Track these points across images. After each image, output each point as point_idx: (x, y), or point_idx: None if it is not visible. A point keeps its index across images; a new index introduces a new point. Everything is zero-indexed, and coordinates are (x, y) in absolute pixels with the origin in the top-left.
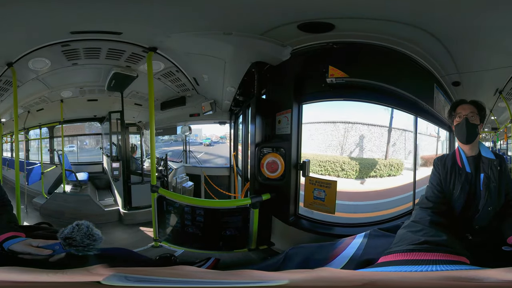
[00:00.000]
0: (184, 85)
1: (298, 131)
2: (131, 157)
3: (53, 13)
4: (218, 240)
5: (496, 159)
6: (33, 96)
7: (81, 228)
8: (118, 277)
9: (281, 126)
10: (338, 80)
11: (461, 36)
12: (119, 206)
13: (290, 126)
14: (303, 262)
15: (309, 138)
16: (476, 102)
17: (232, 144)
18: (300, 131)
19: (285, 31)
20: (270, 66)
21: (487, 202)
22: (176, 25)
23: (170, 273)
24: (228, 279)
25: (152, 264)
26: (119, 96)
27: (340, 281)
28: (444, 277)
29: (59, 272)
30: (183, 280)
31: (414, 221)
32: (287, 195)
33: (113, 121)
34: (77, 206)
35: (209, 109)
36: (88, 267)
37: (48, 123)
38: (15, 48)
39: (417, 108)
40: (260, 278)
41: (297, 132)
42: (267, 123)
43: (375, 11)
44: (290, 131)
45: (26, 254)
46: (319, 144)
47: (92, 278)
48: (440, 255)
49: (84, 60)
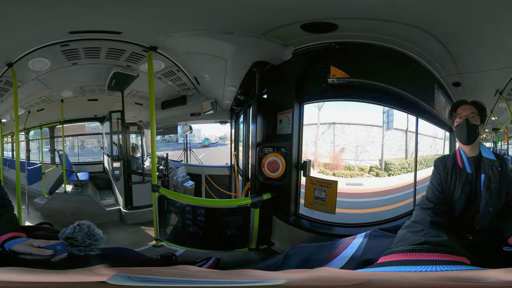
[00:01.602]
0: (185, 85)
1: (299, 131)
2: (132, 157)
3: (52, 13)
4: (218, 240)
5: (496, 159)
6: (33, 96)
7: (82, 228)
8: (121, 277)
9: (282, 126)
10: (340, 80)
11: (462, 37)
12: (120, 205)
13: (291, 126)
14: (303, 261)
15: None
16: (476, 102)
17: (233, 144)
18: (301, 131)
19: (288, 31)
20: (271, 66)
21: (487, 203)
22: (177, 24)
23: (172, 272)
24: (228, 278)
25: (153, 263)
26: (120, 96)
27: (338, 280)
28: (444, 277)
29: (62, 272)
30: (185, 280)
31: (414, 222)
32: (287, 195)
33: (113, 121)
34: (78, 206)
35: (210, 109)
36: (90, 267)
37: (48, 123)
38: (15, 49)
39: (418, 109)
40: (259, 278)
41: (298, 132)
42: (268, 123)
43: (378, 12)
44: (291, 131)
45: (28, 255)
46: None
47: (95, 278)
48: (440, 256)
49: (84, 60)
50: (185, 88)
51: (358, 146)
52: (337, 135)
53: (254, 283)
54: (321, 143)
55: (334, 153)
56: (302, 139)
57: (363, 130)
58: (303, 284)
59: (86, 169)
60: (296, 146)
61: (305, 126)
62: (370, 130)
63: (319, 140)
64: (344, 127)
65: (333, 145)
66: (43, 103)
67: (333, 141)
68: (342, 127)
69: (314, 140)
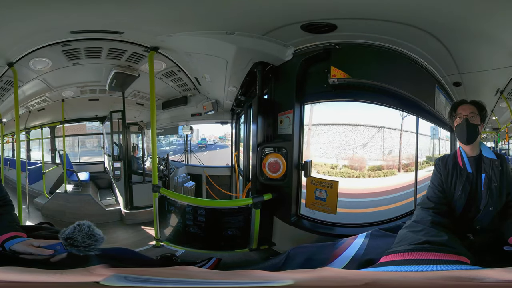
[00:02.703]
0: (186, 85)
1: (300, 131)
2: (133, 157)
3: (53, 12)
4: (219, 240)
5: (497, 159)
6: (34, 96)
7: (83, 228)
8: (118, 278)
9: (283, 127)
10: (340, 80)
11: (462, 36)
12: (121, 206)
13: (292, 127)
14: (305, 262)
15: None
16: (476, 102)
17: (234, 144)
18: (302, 132)
19: (288, 31)
20: (272, 66)
21: (488, 202)
22: (178, 24)
23: (174, 273)
24: (232, 279)
25: (153, 264)
26: (121, 96)
27: (346, 280)
28: (444, 276)
29: (59, 272)
30: (187, 281)
31: (415, 221)
32: (288, 195)
33: (114, 121)
34: (78, 206)
35: (211, 109)
36: (88, 267)
37: (49, 123)
38: (16, 48)
39: (418, 109)
40: (264, 278)
41: (299, 132)
42: (269, 123)
43: (377, 12)
44: (292, 131)
45: (27, 254)
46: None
47: (92, 278)
48: (441, 255)
49: (85, 59)
50: (186, 88)
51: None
52: (387, 139)
53: (260, 284)
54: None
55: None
56: (303, 139)
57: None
58: (310, 284)
59: (87, 169)
60: (297, 147)
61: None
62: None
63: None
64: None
65: (383, 148)
66: (44, 102)
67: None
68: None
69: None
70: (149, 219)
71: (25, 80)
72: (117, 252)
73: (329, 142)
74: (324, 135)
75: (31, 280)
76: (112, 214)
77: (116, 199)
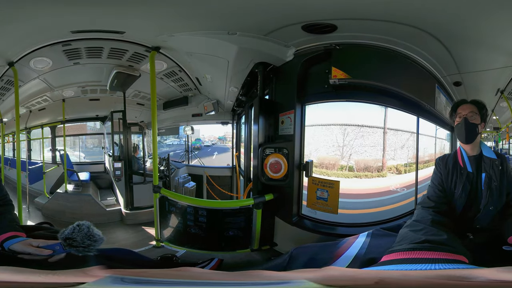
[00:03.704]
0: (187, 85)
1: (301, 131)
2: (133, 157)
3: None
4: (220, 241)
5: (497, 158)
6: (35, 95)
7: (82, 229)
8: (114, 279)
9: (284, 127)
10: (341, 81)
11: (462, 36)
12: (121, 206)
13: (293, 127)
14: (308, 261)
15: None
16: (476, 101)
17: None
18: (303, 132)
19: (289, 32)
20: (273, 67)
21: (488, 202)
22: (180, 24)
23: (177, 275)
24: (238, 279)
25: (153, 264)
26: (121, 96)
27: (354, 279)
28: (439, 275)
29: (51, 273)
30: (191, 282)
31: (415, 221)
32: (290, 196)
33: (115, 121)
34: (79, 206)
35: (212, 109)
36: (83, 268)
37: (50, 122)
38: (16, 48)
39: (419, 109)
40: (271, 278)
41: (300, 132)
42: (270, 124)
43: (377, 12)
44: (293, 131)
45: (26, 254)
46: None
47: (88, 279)
48: (439, 254)
49: (86, 59)
50: (187, 88)
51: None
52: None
53: (271, 285)
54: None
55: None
56: (304, 139)
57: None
58: (323, 284)
59: (87, 169)
60: (298, 147)
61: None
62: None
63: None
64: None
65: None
66: (45, 102)
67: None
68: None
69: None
70: (149, 219)
71: (26, 79)
72: (117, 252)
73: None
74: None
75: (22, 280)
76: (113, 214)
77: (117, 199)
